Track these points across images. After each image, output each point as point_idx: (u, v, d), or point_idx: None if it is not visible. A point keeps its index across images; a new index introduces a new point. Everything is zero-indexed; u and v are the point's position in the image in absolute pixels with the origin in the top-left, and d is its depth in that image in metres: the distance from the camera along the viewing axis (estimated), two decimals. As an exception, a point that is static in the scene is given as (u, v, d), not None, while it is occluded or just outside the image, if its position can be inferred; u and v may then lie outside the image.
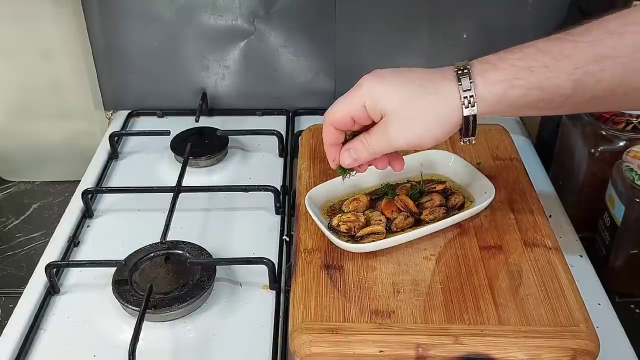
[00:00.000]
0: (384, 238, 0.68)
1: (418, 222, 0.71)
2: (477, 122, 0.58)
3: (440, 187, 0.75)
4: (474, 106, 0.56)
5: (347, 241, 0.67)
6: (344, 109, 0.62)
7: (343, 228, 0.69)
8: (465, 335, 0.58)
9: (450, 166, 0.78)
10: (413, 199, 0.73)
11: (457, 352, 0.57)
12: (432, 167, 0.78)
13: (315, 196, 0.73)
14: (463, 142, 0.60)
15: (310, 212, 0.70)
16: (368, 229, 0.69)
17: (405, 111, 0.58)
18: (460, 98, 0.56)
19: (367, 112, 0.60)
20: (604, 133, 0.80)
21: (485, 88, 0.56)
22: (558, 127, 0.91)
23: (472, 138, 0.59)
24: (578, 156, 0.84)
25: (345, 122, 0.63)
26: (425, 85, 0.58)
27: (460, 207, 0.72)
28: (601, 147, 0.80)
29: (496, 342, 0.58)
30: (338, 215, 0.71)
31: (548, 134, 0.97)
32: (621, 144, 0.79)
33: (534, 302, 0.61)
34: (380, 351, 0.58)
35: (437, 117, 0.58)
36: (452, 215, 0.70)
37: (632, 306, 0.76)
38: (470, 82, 0.56)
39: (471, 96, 0.56)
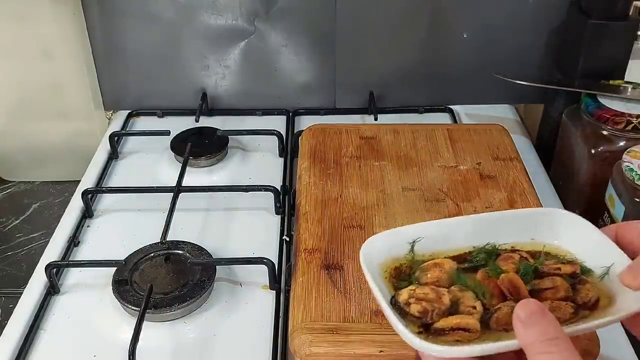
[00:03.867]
0: (477, 339, 0.44)
1: None
2: (477, 122, 0.56)
3: (568, 269, 0.49)
4: None
5: (418, 332, 0.45)
6: None
7: (415, 309, 0.46)
8: (466, 335, 0.58)
9: (581, 243, 0.51)
10: (525, 278, 0.48)
11: (457, 352, 0.57)
12: (552, 236, 0.52)
13: (374, 250, 0.50)
14: None
15: (367, 275, 0.47)
16: (454, 320, 0.45)
17: None
18: None
19: None
20: (604, 133, 0.80)
21: None
22: (558, 127, 0.91)
23: None
24: (578, 156, 0.84)
25: None
26: None
27: (595, 306, 0.47)
28: (601, 147, 0.80)
29: (496, 343, 0.57)
30: (410, 288, 0.47)
31: (548, 134, 0.97)
32: (621, 144, 0.79)
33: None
34: (381, 351, 0.58)
35: None
36: (584, 320, 0.45)
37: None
38: None
39: None
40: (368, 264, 0.48)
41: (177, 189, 0.84)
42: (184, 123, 1.01)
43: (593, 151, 0.81)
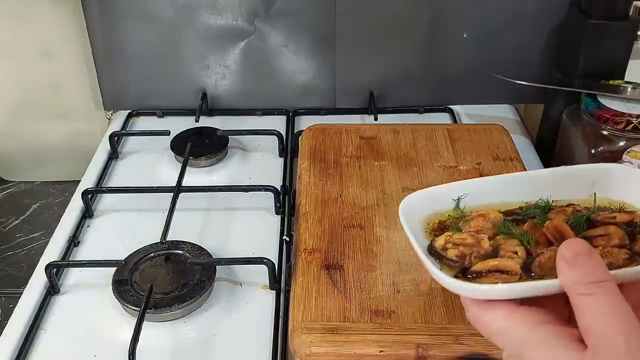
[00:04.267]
0: (518, 282, 0.42)
1: None
2: (477, 122, 0.56)
3: (624, 217, 0.47)
4: None
5: (455, 276, 0.43)
6: None
7: (452, 253, 0.44)
8: (466, 335, 0.58)
9: (637, 189, 0.48)
10: (576, 229, 0.45)
11: (457, 352, 0.57)
12: (610, 191, 0.49)
13: (416, 204, 0.48)
14: None
15: (403, 224, 0.46)
16: (492, 263, 0.43)
17: None
18: None
19: None
20: (604, 133, 0.80)
21: None
22: (558, 127, 0.91)
23: None
24: (578, 156, 0.84)
25: None
26: None
27: None
28: (601, 147, 0.80)
29: (496, 342, 0.57)
30: (447, 234, 0.46)
31: (548, 134, 0.97)
32: (621, 144, 0.79)
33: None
34: (381, 351, 0.58)
35: None
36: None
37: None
38: None
39: None
40: (407, 216, 0.46)
41: (177, 189, 0.84)
42: (184, 123, 1.01)
43: (593, 151, 0.81)
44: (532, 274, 0.42)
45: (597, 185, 0.49)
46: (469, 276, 0.43)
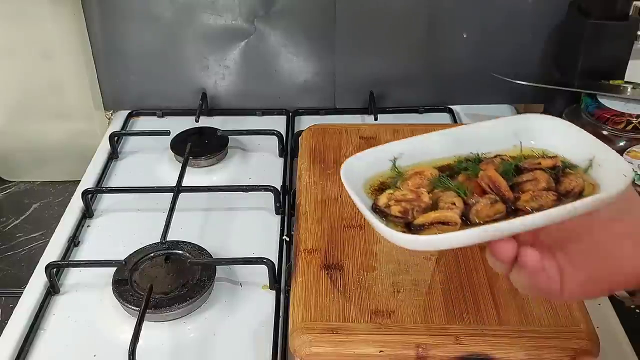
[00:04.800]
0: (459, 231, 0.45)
1: (512, 213, 0.47)
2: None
3: (548, 163, 0.50)
4: None
5: (402, 232, 0.45)
6: None
7: (395, 210, 0.46)
8: (466, 335, 0.58)
9: (561, 140, 0.52)
10: (506, 177, 0.49)
11: (457, 352, 0.57)
12: (532, 139, 0.53)
13: (356, 167, 0.50)
14: None
15: (347, 186, 0.48)
16: (433, 215, 0.46)
17: None
18: None
19: None
20: (604, 133, 0.80)
21: None
22: (558, 127, 0.91)
23: None
24: (578, 156, 0.84)
25: None
26: None
27: (579, 195, 0.47)
28: (601, 147, 0.80)
29: (496, 342, 0.58)
30: (388, 192, 0.48)
31: (548, 134, 0.97)
32: (621, 144, 0.79)
33: (534, 302, 0.61)
34: (380, 351, 0.58)
35: None
36: (566, 204, 0.45)
37: (632, 306, 0.76)
38: None
39: None
40: (349, 179, 0.48)
41: (177, 189, 0.84)
42: (184, 123, 1.01)
43: (593, 151, 0.81)
44: (471, 223, 0.45)
45: (519, 135, 0.52)
46: (413, 229, 0.45)
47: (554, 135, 0.52)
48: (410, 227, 0.46)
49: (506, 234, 0.44)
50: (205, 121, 1.03)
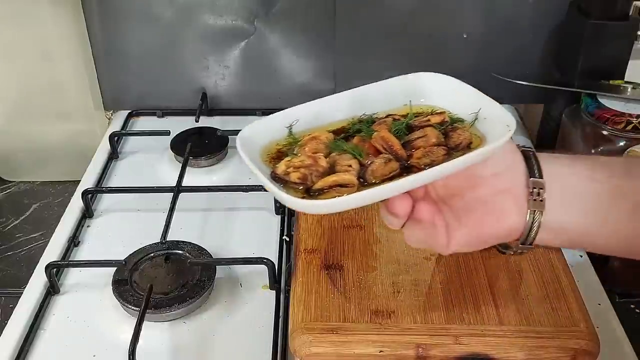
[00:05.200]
0: (356, 192, 0.46)
1: (406, 170, 0.48)
2: None
3: (436, 119, 0.52)
4: None
5: (302, 198, 0.46)
6: None
7: (294, 177, 0.47)
8: (465, 335, 0.58)
9: (449, 97, 0.55)
10: (398, 136, 0.50)
11: (457, 352, 0.57)
12: (421, 97, 0.55)
13: (253, 137, 0.51)
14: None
15: (243, 156, 0.48)
16: (331, 179, 0.47)
17: None
18: None
19: None
20: (604, 133, 0.80)
21: None
22: (558, 127, 0.91)
23: None
24: (578, 156, 0.84)
25: None
26: None
27: (468, 148, 0.50)
28: (601, 147, 0.80)
29: (496, 342, 0.58)
30: (286, 159, 0.49)
31: (548, 134, 0.97)
32: (621, 144, 0.79)
33: (534, 302, 0.61)
34: (380, 351, 0.58)
35: None
36: (456, 157, 0.47)
37: (632, 306, 0.76)
38: None
39: None
40: (247, 150, 0.48)
41: (177, 189, 0.84)
42: (184, 123, 1.01)
43: (593, 151, 0.81)
44: (368, 183, 0.47)
45: (409, 94, 0.54)
46: (313, 194, 0.46)
47: (442, 92, 0.54)
48: (310, 192, 0.47)
49: (401, 191, 0.46)
50: (205, 121, 1.03)
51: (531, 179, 0.48)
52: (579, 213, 0.47)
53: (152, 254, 0.75)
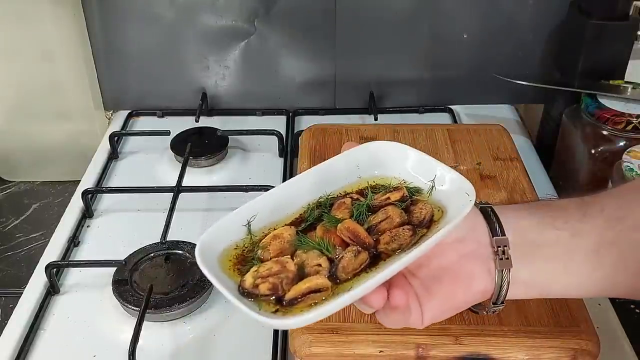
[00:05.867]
0: (331, 297, 0.43)
1: (376, 258, 0.46)
2: (477, 122, 0.57)
3: (396, 196, 0.50)
4: None
5: (275, 311, 0.42)
6: None
7: (264, 289, 0.43)
8: (466, 335, 0.58)
9: (401, 164, 0.52)
10: (360, 221, 0.48)
11: (457, 352, 0.57)
12: (374, 168, 0.53)
13: (211, 243, 0.47)
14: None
15: (205, 272, 0.43)
16: (304, 285, 0.43)
17: None
18: None
19: None
20: (604, 133, 0.80)
21: None
22: (558, 127, 0.91)
23: None
24: (578, 156, 0.84)
25: None
26: None
27: (430, 221, 0.48)
28: (601, 147, 0.80)
29: (496, 342, 0.58)
30: (253, 270, 0.44)
31: (548, 134, 0.97)
32: (621, 144, 0.79)
33: (534, 302, 0.61)
34: (380, 351, 0.58)
35: None
36: (422, 237, 0.46)
37: (632, 306, 0.76)
38: None
39: None
40: (207, 262, 0.44)
41: (177, 189, 0.84)
42: (184, 123, 1.01)
43: (593, 151, 0.81)
44: (340, 280, 0.44)
45: (360, 166, 0.52)
46: (286, 304, 0.42)
47: (395, 161, 0.52)
48: (282, 302, 0.43)
49: (377, 286, 0.43)
50: (205, 121, 1.03)
51: (494, 237, 0.47)
52: (545, 263, 0.47)
53: (152, 254, 0.75)
